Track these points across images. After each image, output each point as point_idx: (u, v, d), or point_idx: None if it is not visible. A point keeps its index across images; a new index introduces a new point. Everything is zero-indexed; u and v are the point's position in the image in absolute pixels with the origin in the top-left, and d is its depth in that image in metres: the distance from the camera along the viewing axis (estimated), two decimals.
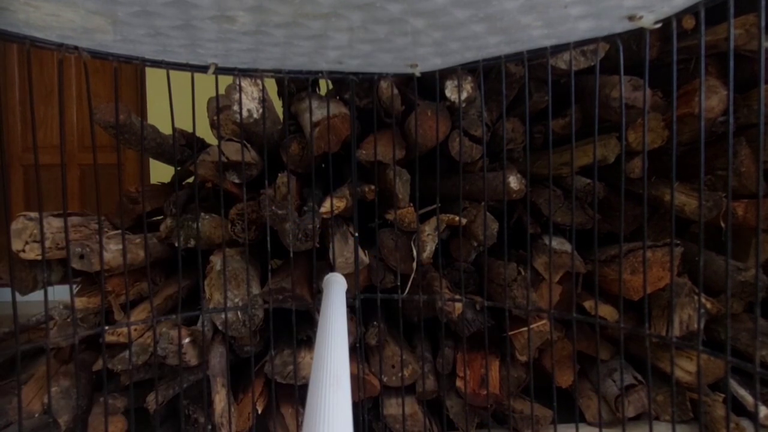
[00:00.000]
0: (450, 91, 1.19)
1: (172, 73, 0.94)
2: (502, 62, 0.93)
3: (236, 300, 1.15)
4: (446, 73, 1.16)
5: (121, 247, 1.18)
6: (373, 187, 1.22)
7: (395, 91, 1.21)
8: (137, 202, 1.36)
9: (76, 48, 0.80)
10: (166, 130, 1.33)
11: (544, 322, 1.21)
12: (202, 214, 1.25)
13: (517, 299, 1.17)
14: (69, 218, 0.97)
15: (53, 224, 1.17)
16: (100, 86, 2.71)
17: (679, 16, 0.76)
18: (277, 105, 1.39)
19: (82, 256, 1.12)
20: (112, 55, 0.85)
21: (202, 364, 1.16)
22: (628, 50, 0.87)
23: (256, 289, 1.17)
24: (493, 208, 1.33)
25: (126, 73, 2.76)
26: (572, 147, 0.99)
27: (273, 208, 1.13)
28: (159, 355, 1.11)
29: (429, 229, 1.21)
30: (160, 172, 1.99)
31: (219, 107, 1.16)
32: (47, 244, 1.13)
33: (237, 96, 1.12)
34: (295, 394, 1.19)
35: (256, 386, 1.16)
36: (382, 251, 1.24)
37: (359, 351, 1.20)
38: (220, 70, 0.95)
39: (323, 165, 1.41)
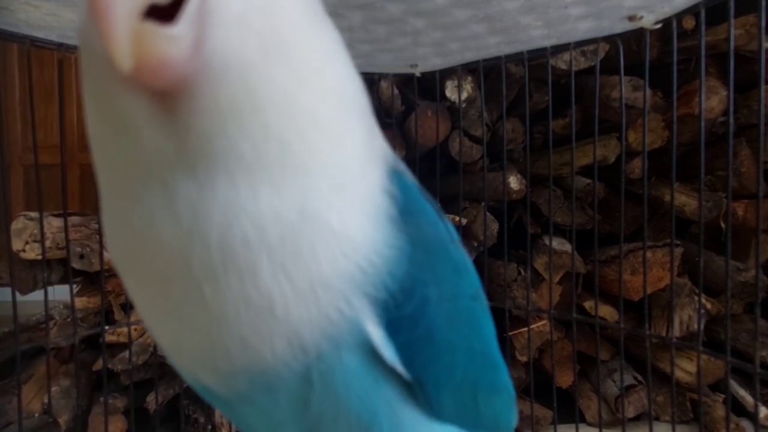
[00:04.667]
0: (450, 91, 1.19)
1: None
2: (503, 62, 0.93)
3: None
4: (446, 73, 1.16)
5: None
6: None
7: (395, 91, 1.21)
8: None
9: (76, 48, 0.80)
10: None
11: (544, 322, 1.21)
12: None
13: (517, 299, 1.17)
14: (69, 218, 0.97)
15: (53, 224, 1.17)
16: None
17: (680, 16, 0.76)
18: None
19: (82, 256, 1.12)
20: None
21: None
22: (628, 51, 0.86)
23: None
24: (493, 208, 1.32)
25: None
26: (572, 147, 0.99)
27: None
28: (159, 355, 1.11)
29: None
30: None
31: None
32: (47, 243, 1.13)
33: None
34: None
35: None
36: None
37: None
38: None
39: None
